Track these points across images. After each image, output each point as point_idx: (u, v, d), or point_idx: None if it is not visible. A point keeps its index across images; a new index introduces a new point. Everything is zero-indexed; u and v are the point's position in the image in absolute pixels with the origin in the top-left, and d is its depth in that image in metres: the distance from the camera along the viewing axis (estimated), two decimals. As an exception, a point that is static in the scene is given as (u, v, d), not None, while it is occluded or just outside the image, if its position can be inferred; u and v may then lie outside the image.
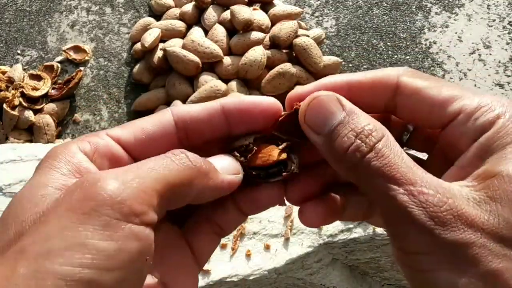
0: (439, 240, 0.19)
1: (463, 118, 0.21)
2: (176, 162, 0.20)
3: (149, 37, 0.78)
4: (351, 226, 0.56)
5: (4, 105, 0.76)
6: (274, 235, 0.55)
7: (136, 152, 0.22)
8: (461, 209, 0.19)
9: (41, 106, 0.79)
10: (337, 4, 0.90)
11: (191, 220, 0.24)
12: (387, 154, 0.20)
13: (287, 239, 0.55)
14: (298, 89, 0.24)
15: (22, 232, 0.18)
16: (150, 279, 0.22)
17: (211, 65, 0.77)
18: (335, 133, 0.21)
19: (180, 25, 0.82)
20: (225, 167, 0.23)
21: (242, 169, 0.23)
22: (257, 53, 0.74)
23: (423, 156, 0.26)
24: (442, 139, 0.23)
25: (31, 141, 0.77)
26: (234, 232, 0.56)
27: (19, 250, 0.17)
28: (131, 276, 0.18)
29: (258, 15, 0.80)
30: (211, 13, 0.81)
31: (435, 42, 0.85)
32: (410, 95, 0.22)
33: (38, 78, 0.81)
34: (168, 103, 0.76)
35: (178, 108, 0.23)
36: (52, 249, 0.17)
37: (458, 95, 0.22)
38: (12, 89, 0.79)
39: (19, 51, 0.87)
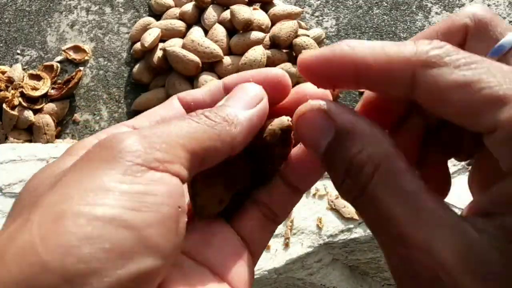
0: None
1: (501, 136, 0.15)
2: (199, 122, 0.18)
3: (149, 37, 0.78)
4: (351, 226, 0.56)
5: (4, 105, 0.76)
6: (274, 235, 0.55)
7: None
8: (458, 284, 0.14)
9: (41, 106, 0.79)
10: (337, 3, 0.90)
11: (242, 211, 0.22)
12: (381, 196, 0.16)
13: (287, 239, 0.55)
14: (307, 53, 0.19)
15: (37, 196, 0.16)
16: (192, 265, 0.19)
17: (211, 65, 0.77)
18: (326, 160, 0.18)
19: (180, 24, 0.81)
20: (246, 100, 0.20)
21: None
22: (257, 53, 0.74)
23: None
24: (486, 145, 0.16)
25: (30, 141, 0.76)
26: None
27: (32, 205, 0.16)
28: (163, 222, 0.16)
29: (258, 15, 0.79)
30: (211, 13, 0.81)
31: (435, 42, 0.85)
32: (431, 95, 0.16)
33: (37, 78, 0.81)
34: (168, 103, 0.75)
35: (182, 93, 0.22)
36: (69, 194, 0.15)
37: (501, 98, 0.15)
38: (12, 89, 0.79)
39: (18, 51, 0.87)
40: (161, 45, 0.78)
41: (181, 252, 0.20)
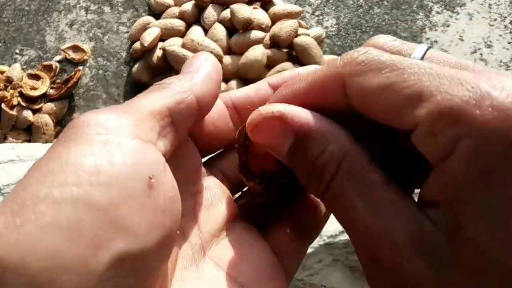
0: None
1: (422, 132, 0.15)
2: (153, 90, 0.19)
3: (149, 36, 0.78)
4: (352, 226, 0.55)
5: (3, 105, 0.76)
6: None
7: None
8: (413, 270, 0.15)
9: (40, 105, 0.78)
10: (338, 3, 0.90)
11: (274, 224, 0.21)
12: (343, 191, 0.16)
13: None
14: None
15: None
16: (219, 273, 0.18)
17: (210, 64, 0.76)
18: (290, 162, 0.18)
19: (179, 24, 0.81)
20: (193, 62, 0.20)
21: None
22: (257, 52, 0.74)
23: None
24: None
25: (29, 141, 0.76)
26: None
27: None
28: (131, 197, 0.14)
29: (258, 14, 0.79)
30: (210, 12, 0.81)
31: (436, 41, 0.85)
32: (361, 100, 0.17)
33: (36, 77, 0.81)
34: (167, 103, 0.75)
35: (272, 76, 0.22)
36: (29, 182, 0.14)
37: (420, 94, 0.15)
38: (11, 88, 0.78)
39: (17, 51, 0.87)
40: (160, 44, 0.78)
41: (215, 263, 0.19)
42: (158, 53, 0.77)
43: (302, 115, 0.17)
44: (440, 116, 0.14)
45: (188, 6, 0.83)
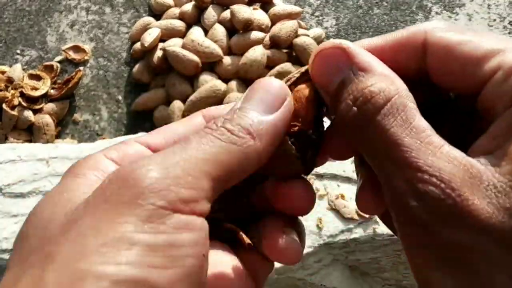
0: (433, 238, 0.16)
1: (501, 76, 0.16)
2: (222, 138, 0.17)
3: (149, 37, 0.78)
4: (351, 226, 0.55)
5: (4, 105, 0.76)
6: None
7: None
8: (468, 203, 0.15)
9: (41, 106, 0.78)
10: (338, 3, 0.90)
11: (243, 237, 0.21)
12: (389, 127, 0.16)
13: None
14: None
15: (48, 238, 0.15)
16: None
17: (211, 65, 0.77)
18: (337, 96, 0.18)
19: (179, 24, 0.81)
20: (268, 102, 0.18)
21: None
22: (257, 53, 0.74)
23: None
24: (479, 105, 0.18)
25: (30, 141, 0.76)
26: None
27: (44, 256, 0.14)
28: (187, 276, 0.15)
29: (258, 15, 0.79)
30: (211, 13, 0.81)
31: (435, 42, 0.85)
32: (440, 53, 0.18)
33: (37, 78, 0.81)
34: (168, 103, 0.75)
35: (208, 109, 0.21)
36: (86, 248, 0.13)
37: (500, 48, 0.17)
38: (12, 89, 0.79)
39: (18, 51, 0.87)
40: (161, 45, 0.78)
41: None
42: (159, 53, 0.78)
43: (366, 54, 0.18)
44: None
45: (188, 7, 0.83)
